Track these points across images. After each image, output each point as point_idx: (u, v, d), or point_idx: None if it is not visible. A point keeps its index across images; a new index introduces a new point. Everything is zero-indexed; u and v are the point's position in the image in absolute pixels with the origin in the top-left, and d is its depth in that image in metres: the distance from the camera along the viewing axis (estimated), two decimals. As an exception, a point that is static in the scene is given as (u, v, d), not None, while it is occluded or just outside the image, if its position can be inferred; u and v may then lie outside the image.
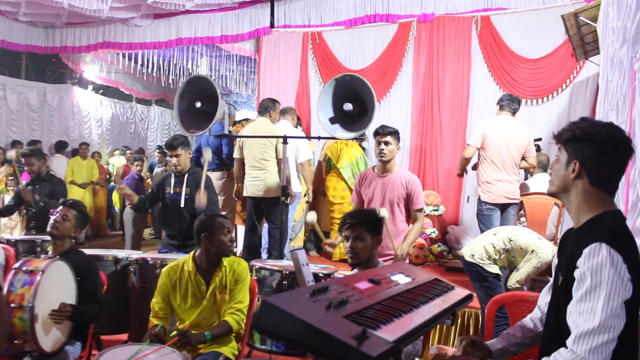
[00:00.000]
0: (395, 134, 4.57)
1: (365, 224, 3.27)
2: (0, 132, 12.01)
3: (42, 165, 6.02)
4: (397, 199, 4.54)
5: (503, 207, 5.89)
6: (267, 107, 6.49)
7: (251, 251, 6.32)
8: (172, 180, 5.10)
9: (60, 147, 11.50)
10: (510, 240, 4.58)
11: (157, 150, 12.13)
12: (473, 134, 6.10)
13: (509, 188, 5.85)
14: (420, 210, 4.61)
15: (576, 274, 1.96)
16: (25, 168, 6.12)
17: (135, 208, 5.31)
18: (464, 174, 6.45)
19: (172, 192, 5.06)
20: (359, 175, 4.88)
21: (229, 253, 3.53)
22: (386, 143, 4.52)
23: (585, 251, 1.94)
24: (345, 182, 7.52)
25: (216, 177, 7.05)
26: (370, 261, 3.26)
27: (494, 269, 4.59)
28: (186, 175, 5.06)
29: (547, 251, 4.48)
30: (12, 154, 6.20)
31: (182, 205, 4.99)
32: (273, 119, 6.52)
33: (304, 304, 1.52)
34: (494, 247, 4.60)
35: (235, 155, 6.52)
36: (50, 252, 3.70)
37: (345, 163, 7.55)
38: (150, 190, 5.38)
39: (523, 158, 5.93)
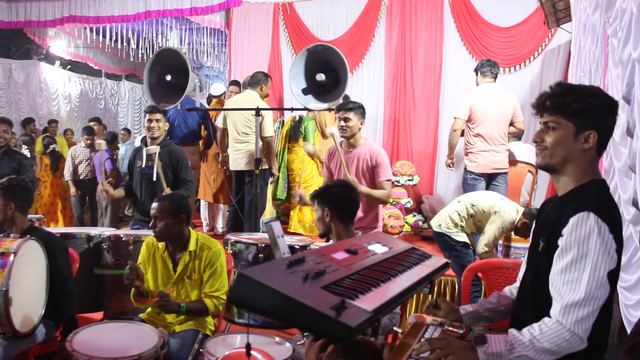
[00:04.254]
0: (356, 109, 4.43)
1: (315, 197, 3.41)
2: (-33, 110, 11.75)
3: (12, 138, 5.77)
4: (361, 173, 4.44)
5: (490, 177, 5.84)
6: (258, 80, 6.33)
7: (236, 226, 6.26)
8: (144, 153, 4.99)
9: (25, 123, 11.24)
10: (473, 205, 4.62)
11: (122, 129, 11.97)
12: (460, 107, 5.95)
13: (495, 158, 5.78)
14: (387, 181, 4.43)
15: (560, 242, 1.94)
16: None
17: (128, 197, 5.22)
18: (452, 160, 6.12)
19: (143, 165, 4.95)
20: (328, 150, 4.78)
21: (158, 239, 3.44)
22: (346, 119, 4.40)
23: (572, 220, 1.92)
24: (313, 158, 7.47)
25: (190, 152, 6.99)
26: (332, 232, 3.33)
27: (462, 237, 4.65)
28: (158, 148, 4.95)
29: (509, 211, 4.52)
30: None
31: (154, 179, 4.90)
32: (263, 93, 6.39)
33: (281, 275, 1.50)
34: (459, 214, 4.66)
35: (219, 124, 6.44)
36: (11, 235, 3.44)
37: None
38: (127, 173, 5.23)
39: (511, 124, 5.88)
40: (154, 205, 3.41)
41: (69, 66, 15.23)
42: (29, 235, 3.33)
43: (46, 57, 14.09)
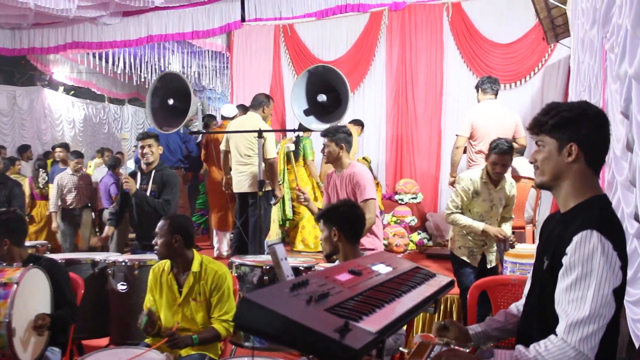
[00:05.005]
0: (332, 136, 4.47)
1: (321, 217, 3.37)
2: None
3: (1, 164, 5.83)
4: (350, 195, 4.43)
5: None
6: (260, 102, 6.29)
7: (241, 248, 6.24)
8: (139, 178, 5.02)
9: (21, 150, 11.26)
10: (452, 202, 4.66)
11: (117, 153, 11.98)
12: (461, 124, 5.95)
13: None
14: (366, 201, 4.32)
15: (564, 260, 1.93)
16: None
17: (116, 227, 5.24)
18: (454, 179, 5.97)
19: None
20: (327, 175, 4.85)
21: (158, 256, 3.49)
22: (324, 146, 4.52)
23: (576, 238, 1.90)
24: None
25: None
26: (340, 252, 3.28)
27: (460, 253, 4.64)
28: (153, 171, 4.99)
29: (467, 173, 4.61)
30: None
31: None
32: (265, 115, 6.37)
33: (284, 299, 1.50)
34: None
35: (222, 147, 6.46)
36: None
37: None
38: (120, 194, 5.26)
39: (513, 140, 5.85)
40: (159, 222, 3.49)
41: (72, 92, 15.32)
42: (32, 264, 3.32)
43: (49, 83, 14.21)
